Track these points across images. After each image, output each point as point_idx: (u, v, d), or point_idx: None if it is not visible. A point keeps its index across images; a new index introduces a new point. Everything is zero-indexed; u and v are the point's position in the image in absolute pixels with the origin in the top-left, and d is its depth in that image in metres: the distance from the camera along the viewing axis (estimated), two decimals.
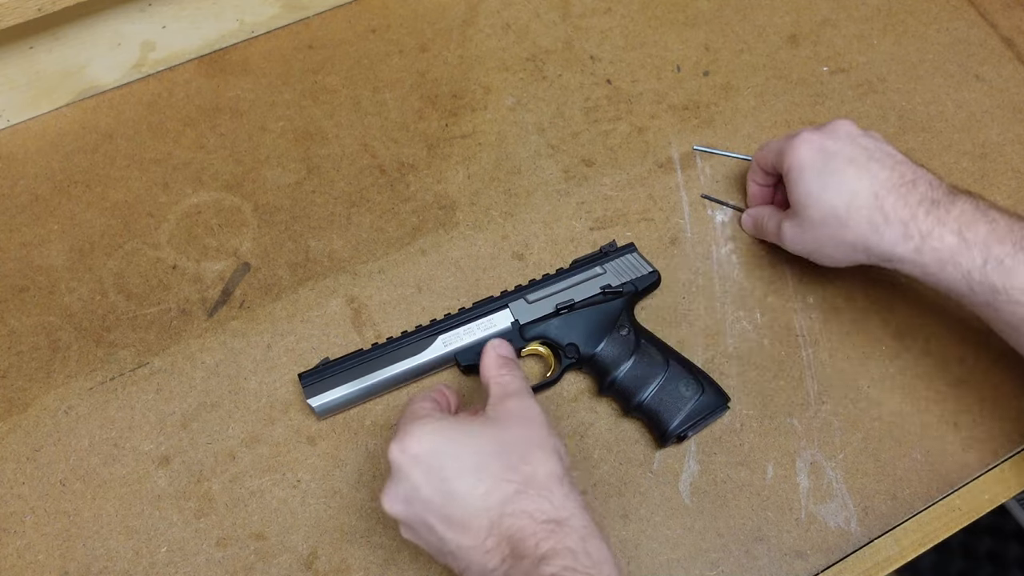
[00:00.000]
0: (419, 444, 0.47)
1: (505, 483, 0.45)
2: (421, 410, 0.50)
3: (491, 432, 0.48)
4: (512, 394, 0.51)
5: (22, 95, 0.73)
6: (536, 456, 0.47)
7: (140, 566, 0.58)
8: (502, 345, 0.56)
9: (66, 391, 0.63)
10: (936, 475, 0.60)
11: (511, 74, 0.77)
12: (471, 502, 0.45)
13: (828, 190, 0.56)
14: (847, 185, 0.55)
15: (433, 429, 0.47)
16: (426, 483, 0.46)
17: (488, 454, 0.46)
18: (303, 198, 0.71)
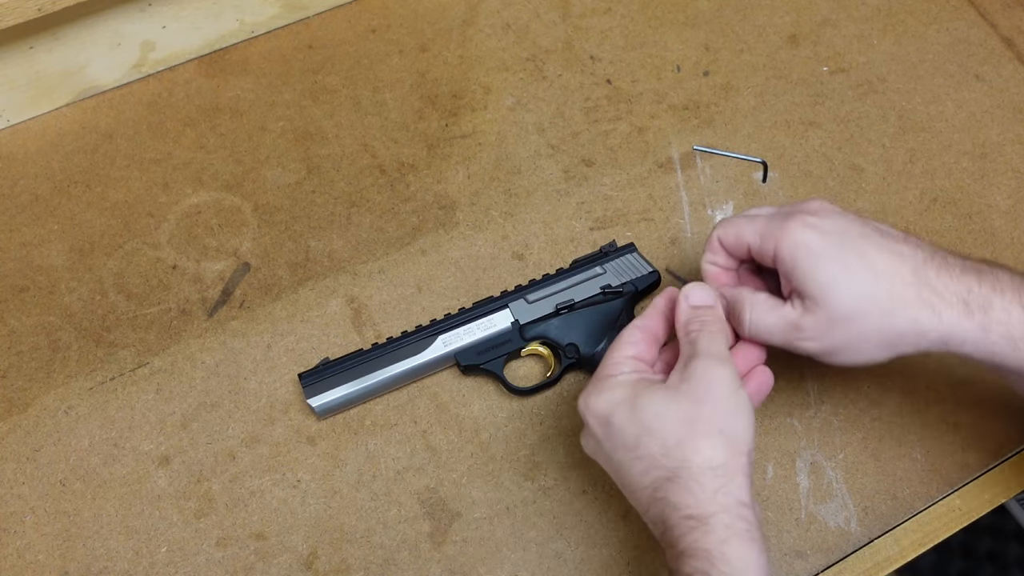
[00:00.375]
0: (598, 404, 0.47)
1: (658, 467, 0.44)
2: (615, 363, 0.48)
3: (661, 406, 0.45)
4: (698, 355, 0.46)
5: (22, 95, 0.73)
6: (694, 443, 0.43)
7: (140, 566, 0.58)
8: (697, 289, 0.49)
9: (66, 391, 0.63)
10: (936, 475, 0.60)
11: (511, 74, 0.77)
12: (632, 477, 0.45)
13: (855, 273, 0.46)
14: (878, 263, 0.46)
15: (613, 393, 0.46)
16: (605, 442, 0.47)
17: (651, 432, 0.44)
18: (303, 198, 0.71)
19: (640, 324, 0.51)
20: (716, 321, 0.48)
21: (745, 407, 0.45)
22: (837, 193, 0.71)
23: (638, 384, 0.47)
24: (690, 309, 0.49)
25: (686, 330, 0.48)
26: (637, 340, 0.50)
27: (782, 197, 0.71)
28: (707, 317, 0.48)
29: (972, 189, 0.71)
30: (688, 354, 0.47)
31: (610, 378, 0.48)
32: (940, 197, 0.70)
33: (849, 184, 0.71)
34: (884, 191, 0.71)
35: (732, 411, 0.44)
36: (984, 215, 0.70)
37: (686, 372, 0.46)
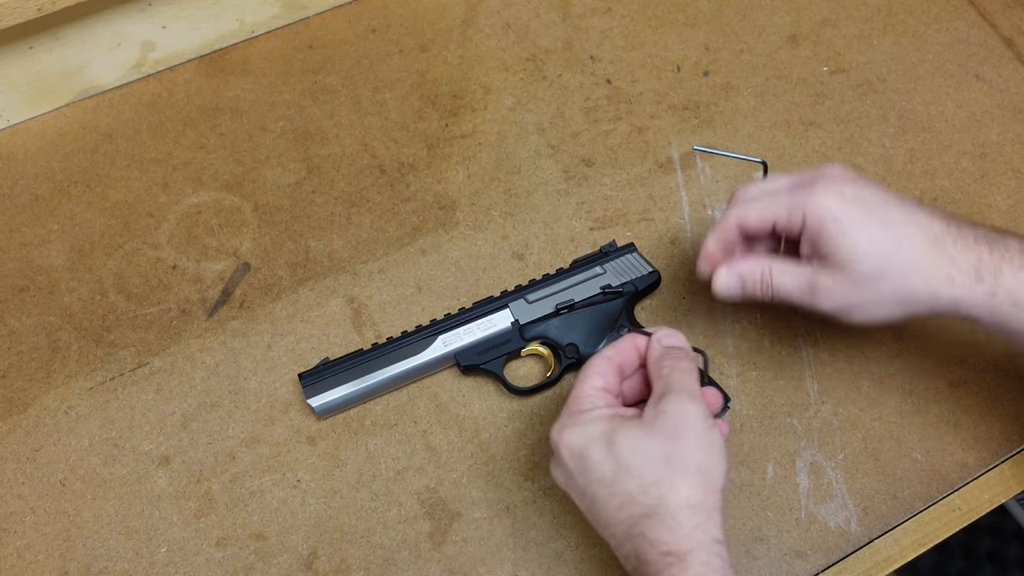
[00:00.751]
0: (573, 439, 0.47)
1: (635, 504, 0.44)
2: (586, 397, 0.49)
3: (637, 443, 0.45)
4: (671, 392, 0.47)
5: (22, 95, 0.73)
6: (672, 481, 0.44)
7: (140, 566, 0.58)
8: (670, 336, 0.51)
9: (66, 391, 0.63)
10: (936, 475, 0.60)
11: (511, 74, 0.77)
12: (608, 511, 0.46)
13: (878, 240, 0.49)
14: (900, 231, 0.49)
15: (589, 428, 0.47)
16: (579, 476, 0.47)
17: (629, 469, 0.45)
18: (303, 198, 0.71)
19: (608, 355, 0.51)
20: (688, 359, 0.50)
21: (718, 444, 0.46)
22: None
23: (613, 420, 0.47)
24: (663, 348, 0.51)
25: (658, 366, 0.49)
26: (605, 371, 0.51)
27: None
28: (680, 353, 0.50)
29: (972, 189, 0.71)
30: (661, 390, 0.48)
31: (584, 412, 0.48)
32: (940, 197, 0.70)
33: None
34: None
35: (706, 447, 0.45)
36: (984, 215, 0.70)
37: (660, 407, 0.46)
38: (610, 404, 0.49)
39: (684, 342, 0.52)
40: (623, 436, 0.46)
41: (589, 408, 0.48)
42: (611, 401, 0.50)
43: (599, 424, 0.47)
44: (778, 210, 0.52)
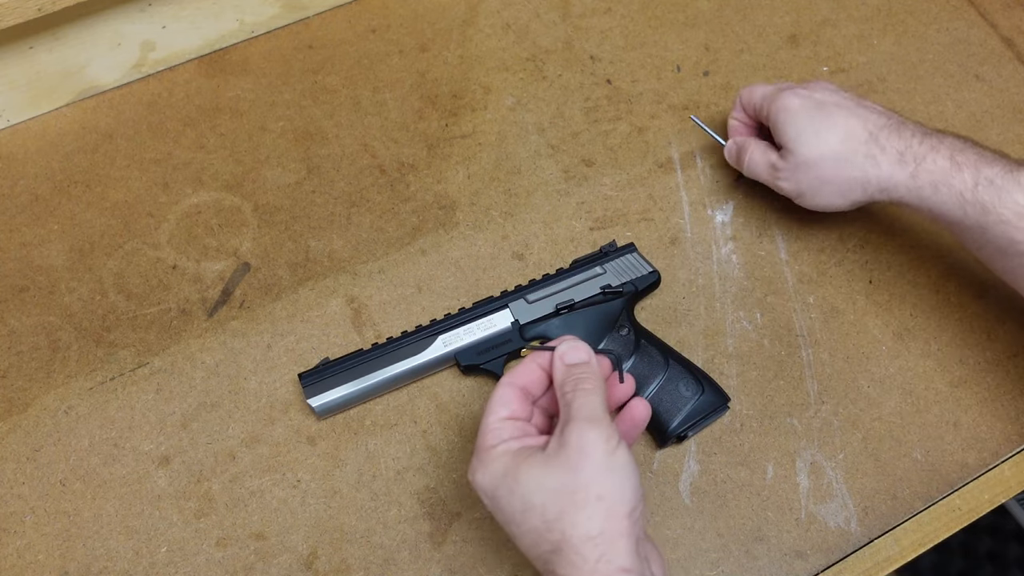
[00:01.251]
0: (483, 480, 0.47)
1: (543, 541, 0.44)
2: (492, 431, 0.48)
3: (539, 479, 0.44)
4: (572, 420, 0.46)
5: (22, 95, 0.73)
6: (572, 516, 0.43)
7: (140, 566, 0.58)
8: (572, 350, 0.49)
9: (66, 391, 0.63)
10: (936, 475, 0.60)
11: (511, 74, 0.77)
12: (523, 547, 0.46)
13: (822, 131, 0.59)
14: (840, 124, 0.59)
15: (495, 467, 0.46)
16: (496, 514, 0.47)
17: (532, 507, 0.44)
18: (303, 198, 0.71)
19: (511, 381, 0.50)
20: (591, 378, 0.48)
21: (621, 466, 0.44)
22: None
23: (518, 455, 0.46)
24: (565, 368, 0.49)
25: (561, 391, 0.48)
26: (509, 400, 0.49)
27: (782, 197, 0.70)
28: (582, 375, 0.48)
29: None
30: (564, 418, 0.47)
31: (490, 449, 0.47)
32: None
33: None
34: None
35: (608, 473, 0.44)
36: None
37: (562, 438, 0.45)
38: (517, 435, 0.48)
39: (586, 355, 0.49)
40: (525, 474, 0.45)
41: (495, 443, 0.47)
42: (518, 431, 0.48)
43: (503, 461, 0.46)
44: (759, 96, 0.65)
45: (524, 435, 0.48)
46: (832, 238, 0.69)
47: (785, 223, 0.70)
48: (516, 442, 0.47)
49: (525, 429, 0.49)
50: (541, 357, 0.50)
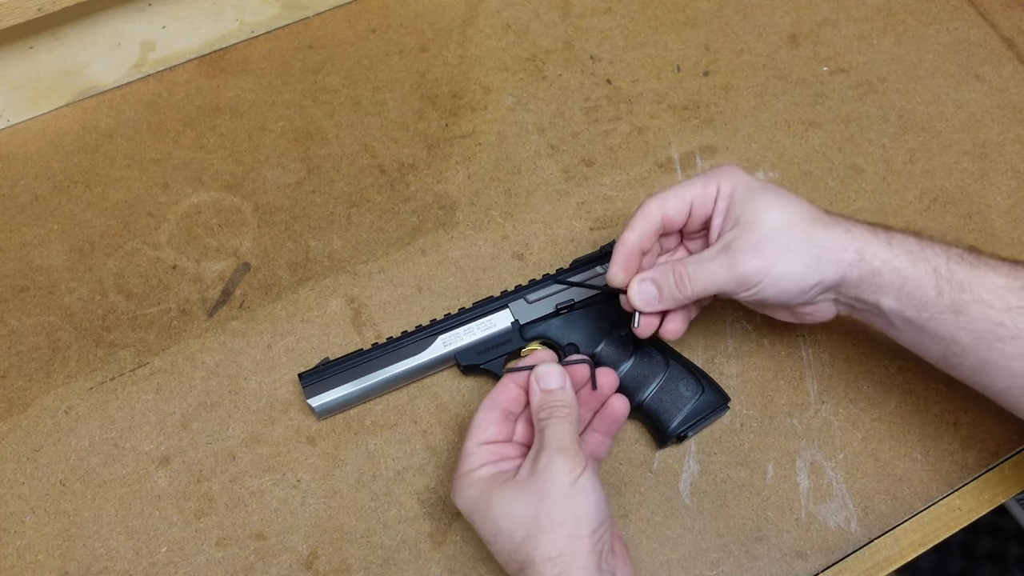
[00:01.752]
0: (461, 503, 0.50)
1: (512, 561, 0.48)
2: (470, 455, 0.51)
3: (510, 506, 0.48)
4: (544, 449, 0.49)
5: (22, 95, 0.73)
6: (536, 538, 0.46)
7: (140, 566, 0.58)
8: (547, 374, 0.52)
9: (66, 391, 0.63)
10: (936, 475, 0.60)
11: (511, 74, 0.77)
12: (499, 562, 0.49)
13: (784, 203, 0.52)
14: (799, 200, 0.52)
15: (471, 492, 0.49)
16: (478, 533, 0.50)
17: (502, 531, 0.48)
18: (303, 198, 0.71)
19: (489, 404, 0.53)
20: (565, 404, 0.51)
21: (584, 492, 0.47)
22: (837, 193, 0.71)
23: (492, 482, 0.49)
24: (542, 394, 0.51)
25: (537, 418, 0.51)
26: (487, 424, 0.52)
27: None
28: (557, 401, 0.51)
29: (972, 189, 0.71)
30: (538, 446, 0.49)
31: (469, 474, 0.50)
32: (940, 197, 0.70)
33: (849, 184, 0.71)
34: (884, 191, 0.71)
35: (570, 501, 0.47)
36: (984, 215, 0.70)
37: (534, 466, 0.48)
38: (493, 459, 0.51)
39: (561, 379, 0.52)
40: (498, 500, 0.48)
41: (473, 468, 0.50)
42: (494, 455, 0.51)
43: (479, 486, 0.49)
44: (694, 190, 0.54)
45: (500, 459, 0.51)
46: None
47: None
48: (491, 467, 0.50)
49: (502, 452, 0.52)
50: (518, 376, 0.53)
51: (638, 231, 0.54)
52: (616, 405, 0.55)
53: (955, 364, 0.51)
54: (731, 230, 0.52)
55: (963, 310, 0.49)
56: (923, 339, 0.51)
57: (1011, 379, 0.49)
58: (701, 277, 0.52)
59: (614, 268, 0.54)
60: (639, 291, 0.54)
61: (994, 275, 0.49)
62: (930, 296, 0.49)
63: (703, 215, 0.54)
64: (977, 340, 0.49)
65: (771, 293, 0.51)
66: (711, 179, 0.54)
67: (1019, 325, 0.48)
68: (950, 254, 0.50)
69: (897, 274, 0.50)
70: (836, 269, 0.50)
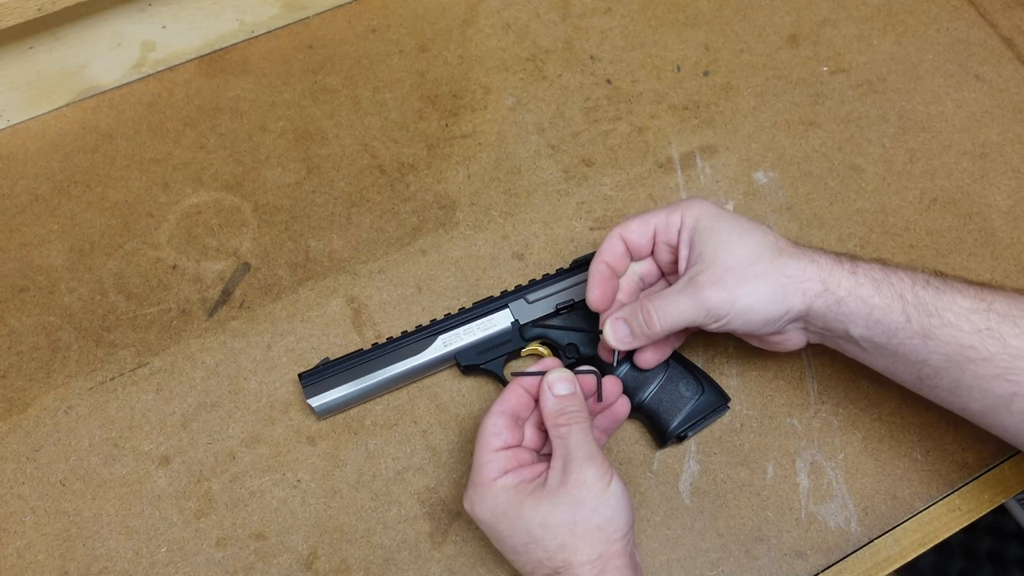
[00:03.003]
0: (482, 513, 0.50)
1: (543, 567, 0.48)
2: (487, 464, 0.51)
3: (545, 515, 0.48)
4: (572, 458, 0.49)
5: (22, 95, 0.73)
6: (575, 544, 0.47)
7: (140, 566, 0.58)
8: (560, 380, 0.52)
9: (66, 391, 0.63)
10: (936, 475, 0.60)
11: (511, 74, 0.77)
12: (523, 570, 0.50)
13: (751, 230, 0.52)
14: (764, 231, 0.53)
15: (496, 503, 0.49)
16: (494, 542, 0.51)
17: (536, 540, 0.48)
18: (303, 198, 0.71)
19: (500, 409, 0.53)
20: (581, 410, 0.51)
21: (615, 498, 0.49)
22: (837, 193, 0.71)
23: (518, 491, 0.49)
24: (556, 400, 0.52)
25: (555, 423, 0.51)
26: (500, 429, 0.52)
27: (782, 197, 0.71)
28: (573, 407, 0.51)
29: (972, 189, 0.71)
30: (563, 453, 0.50)
31: (491, 484, 0.50)
32: (940, 197, 0.70)
33: (849, 184, 0.71)
34: (884, 191, 0.71)
35: (606, 507, 0.48)
36: (984, 215, 0.70)
37: (564, 475, 0.49)
38: (512, 465, 0.51)
39: (573, 385, 0.52)
40: (531, 510, 0.48)
41: (493, 477, 0.50)
42: (512, 461, 0.51)
43: (505, 496, 0.49)
44: (657, 217, 0.55)
45: (518, 464, 0.52)
46: (832, 238, 0.69)
47: (785, 222, 0.70)
48: (513, 475, 0.50)
49: (518, 457, 0.52)
50: (526, 381, 0.53)
51: (604, 256, 0.56)
52: (618, 406, 0.56)
53: (930, 387, 0.52)
54: (697, 263, 0.52)
55: (932, 335, 0.49)
56: (896, 364, 0.52)
57: (987, 400, 0.49)
58: (669, 312, 0.52)
59: (589, 291, 0.56)
60: (613, 331, 0.55)
61: (960, 297, 0.49)
62: (898, 322, 0.50)
63: (667, 243, 0.56)
64: (949, 363, 0.49)
65: (738, 324, 0.51)
66: (675, 209, 0.55)
67: (989, 348, 0.48)
68: (916, 279, 0.50)
69: (863, 303, 0.50)
70: (802, 299, 0.51)
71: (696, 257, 0.53)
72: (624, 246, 0.56)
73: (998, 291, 0.50)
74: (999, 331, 0.48)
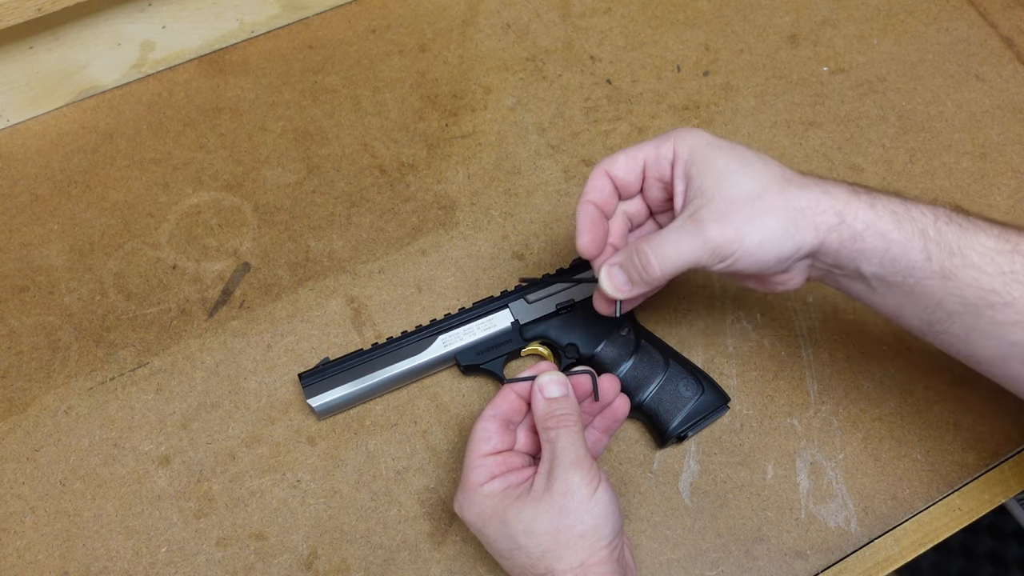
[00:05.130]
0: (470, 517, 0.50)
1: (527, 572, 0.48)
2: (476, 468, 0.50)
3: (528, 522, 0.47)
4: (558, 463, 0.48)
5: (22, 95, 0.73)
6: (557, 552, 0.47)
7: (140, 566, 0.58)
8: (551, 383, 0.51)
9: (66, 391, 0.63)
10: (936, 475, 0.60)
11: (511, 74, 0.77)
12: (511, 574, 0.50)
13: (754, 163, 0.47)
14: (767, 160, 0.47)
15: (483, 508, 0.49)
16: (483, 544, 0.51)
17: (520, 546, 0.48)
18: (303, 198, 0.71)
19: (491, 414, 0.52)
20: (572, 413, 0.50)
21: (601, 505, 0.48)
22: None
23: (505, 496, 0.49)
24: (546, 403, 0.51)
25: (544, 426, 0.50)
26: (490, 434, 0.52)
27: None
28: (563, 410, 0.50)
29: (972, 189, 0.71)
30: (550, 458, 0.49)
31: (477, 489, 0.50)
32: (940, 197, 0.70)
33: None
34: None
35: (590, 515, 0.47)
36: (984, 215, 0.70)
37: (550, 481, 0.48)
38: (500, 470, 0.51)
39: (564, 388, 0.51)
40: (514, 516, 0.48)
41: (480, 481, 0.50)
42: (501, 466, 0.51)
43: (491, 501, 0.49)
44: (647, 150, 0.50)
45: (507, 469, 0.51)
46: None
47: None
48: (500, 481, 0.50)
49: (507, 463, 0.52)
50: (519, 386, 0.53)
51: (591, 195, 0.50)
52: (617, 404, 0.55)
53: (940, 331, 0.48)
54: (696, 198, 0.47)
55: (952, 275, 0.45)
56: (905, 307, 0.48)
57: (1003, 348, 0.46)
58: (668, 254, 0.46)
59: (579, 236, 0.50)
60: (609, 279, 0.50)
61: (983, 236, 0.45)
62: (917, 261, 0.45)
63: (659, 178, 0.50)
64: (965, 307, 0.45)
65: (747, 263, 0.46)
66: (667, 139, 0.49)
67: (1012, 291, 0.44)
68: (938, 214, 0.46)
69: (881, 238, 0.45)
70: (815, 234, 0.45)
71: (695, 192, 0.47)
72: (611, 184, 0.51)
73: (1022, 231, 0.46)
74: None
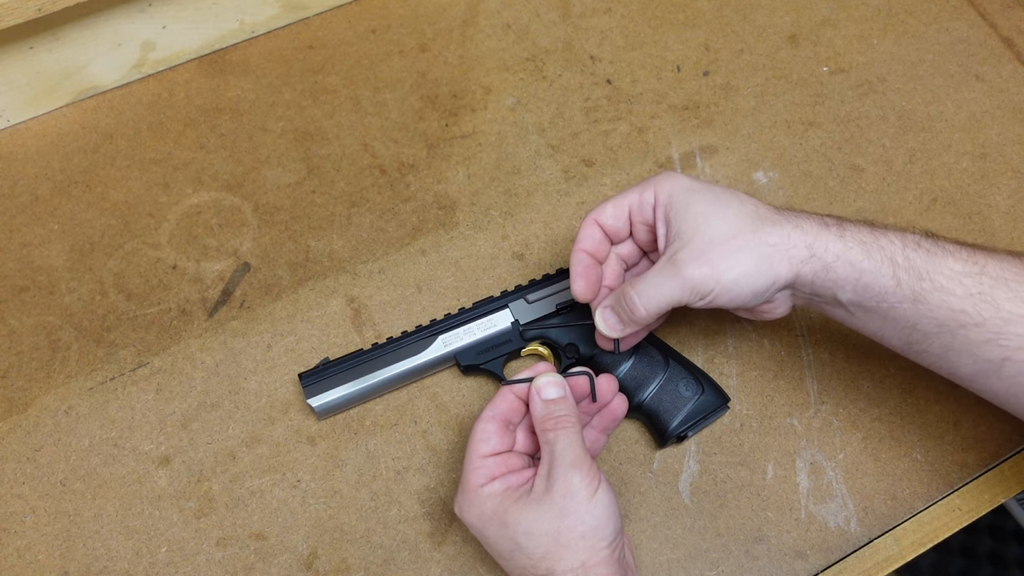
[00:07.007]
0: (470, 518, 0.50)
1: (527, 573, 0.48)
2: (475, 469, 0.51)
3: (529, 523, 0.48)
4: (557, 464, 0.49)
5: (22, 95, 0.73)
6: (558, 553, 0.47)
7: (140, 566, 0.58)
8: (548, 385, 0.52)
9: (66, 391, 0.63)
10: (936, 475, 0.60)
11: (511, 74, 0.77)
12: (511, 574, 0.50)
13: (728, 204, 0.50)
14: (742, 200, 0.51)
15: (483, 509, 0.49)
16: (483, 545, 0.51)
17: (520, 547, 0.48)
18: (303, 198, 0.71)
19: (490, 415, 0.53)
20: (570, 415, 0.51)
21: (602, 506, 0.48)
22: (837, 193, 0.71)
23: (505, 497, 0.49)
24: (544, 405, 0.51)
25: (542, 427, 0.51)
26: (489, 435, 0.52)
27: (782, 197, 0.71)
28: (561, 411, 0.51)
29: (972, 189, 0.71)
30: (549, 459, 0.49)
31: (477, 490, 0.50)
32: (940, 197, 0.70)
33: (849, 184, 0.71)
34: (884, 191, 0.71)
35: (590, 516, 0.48)
36: (984, 215, 0.70)
37: (549, 482, 0.48)
38: (500, 471, 0.51)
39: (562, 389, 0.52)
40: (515, 518, 0.48)
41: (480, 483, 0.50)
42: (500, 467, 0.51)
43: (491, 503, 0.49)
44: (631, 197, 0.54)
45: (507, 470, 0.51)
46: None
47: None
48: (500, 482, 0.50)
49: (507, 463, 0.52)
50: (517, 387, 0.53)
51: (582, 244, 0.55)
52: (615, 404, 0.56)
53: (919, 351, 0.50)
54: (676, 240, 0.50)
55: (923, 299, 0.47)
56: (884, 329, 0.50)
57: (978, 365, 0.48)
58: (651, 295, 0.50)
59: (573, 283, 0.55)
60: (603, 320, 0.54)
61: (951, 260, 0.48)
62: (888, 287, 0.48)
63: (644, 222, 0.54)
64: (940, 328, 0.48)
65: (726, 299, 0.49)
66: (648, 186, 0.53)
67: (981, 312, 0.46)
68: (906, 241, 0.48)
69: (852, 267, 0.48)
70: (789, 267, 0.48)
71: (675, 234, 0.50)
72: (601, 231, 0.55)
73: (991, 253, 0.48)
74: (992, 295, 0.46)
